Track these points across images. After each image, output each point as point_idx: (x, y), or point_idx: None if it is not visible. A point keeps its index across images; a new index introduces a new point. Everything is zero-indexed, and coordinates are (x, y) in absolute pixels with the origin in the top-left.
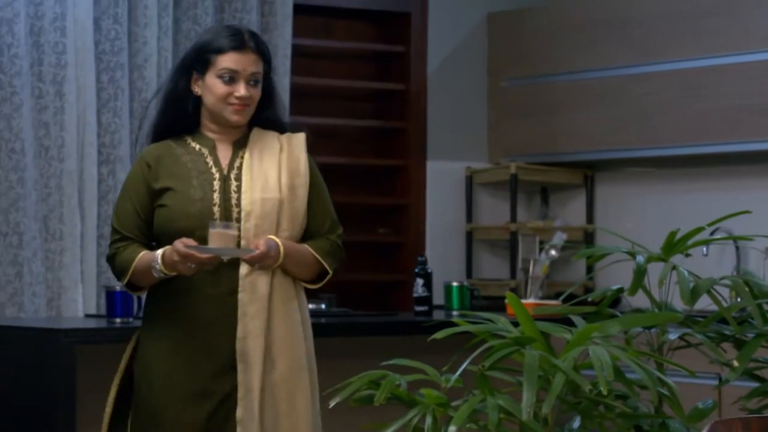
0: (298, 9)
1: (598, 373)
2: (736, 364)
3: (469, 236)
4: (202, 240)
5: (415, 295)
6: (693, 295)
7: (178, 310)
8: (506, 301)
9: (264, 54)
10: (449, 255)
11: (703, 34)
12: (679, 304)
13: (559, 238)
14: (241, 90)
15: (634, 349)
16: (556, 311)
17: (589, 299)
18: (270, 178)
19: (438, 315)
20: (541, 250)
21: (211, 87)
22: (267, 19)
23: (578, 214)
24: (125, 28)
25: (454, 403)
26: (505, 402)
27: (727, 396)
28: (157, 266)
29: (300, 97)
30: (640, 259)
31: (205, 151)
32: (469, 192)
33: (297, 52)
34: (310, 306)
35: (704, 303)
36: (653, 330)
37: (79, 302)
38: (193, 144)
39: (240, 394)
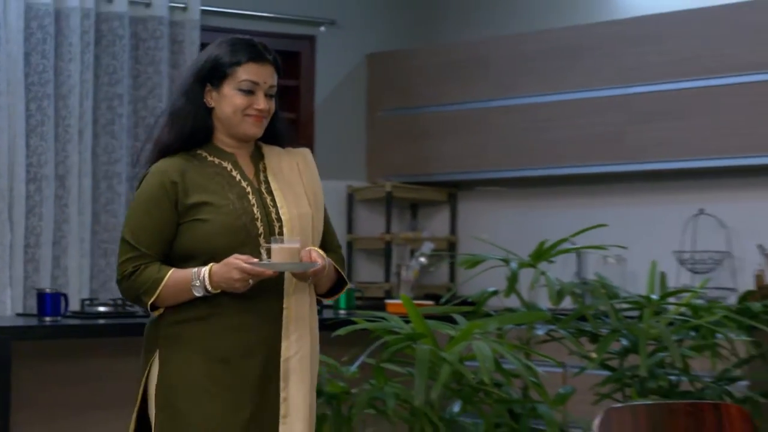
0: (204, 47)
1: (480, 364)
2: (594, 355)
3: (350, 245)
4: (250, 255)
5: None
6: (559, 296)
7: (217, 327)
8: (385, 300)
9: (278, 67)
10: None
11: (551, 74)
12: (543, 303)
13: (427, 247)
14: (261, 102)
15: (509, 343)
16: (441, 311)
17: (469, 300)
18: (298, 193)
19: (327, 313)
20: (411, 257)
21: (229, 99)
22: (176, 56)
23: (443, 226)
24: (52, 63)
25: (353, 391)
26: (400, 390)
27: (584, 383)
28: (198, 284)
29: None
30: (514, 265)
31: (228, 165)
32: (350, 207)
33: None
34: None
35: (565, 303)
36: (523, 326)
37: (8, 304)
38: (210, 158)
39: (282, 411)
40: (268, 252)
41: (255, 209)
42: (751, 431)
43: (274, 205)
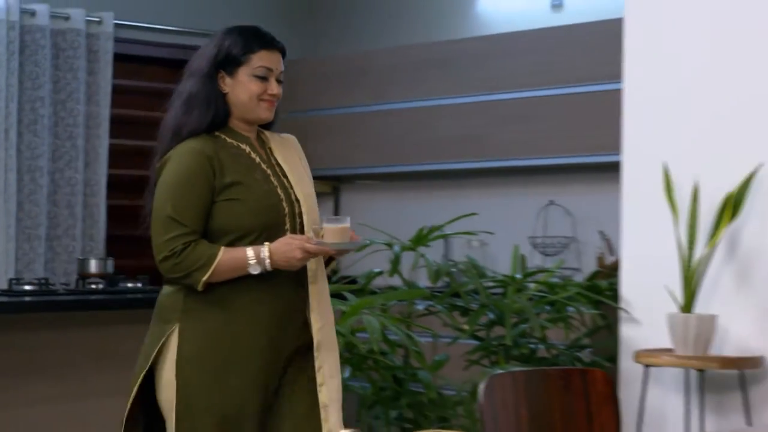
0: (117, 57)
1: (370, 336)
2: (465, 327)
3: None
4: (276, 234)
5: None
6: (437, 275)
7: (257, 301)
8: None
9: (285, 54)
10: None
11: (420, 83)
12: (422, 282)
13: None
14: (274, 88)
15: (393, 317)
16: (333, 289)
17: (358, 281)
18: (302, 175)
19: None
20: None
21: (245, 85)
22: (92, 64)
23: (328, 215)
24: None
25: None
26: None
27: (457, 351)
28: (255, 262)
29: (119, 125)
30: (397, 248)
31: (246, 147)
32: None
33: (116, 90)
34: (128, 284)
35: (441, 282)
36: (405, 302)
37: None
38: (229, 140)
39: (319, 380)
40: (316, 232)
41: (278, 190)
42: (611, 392)
43: (291, 186)
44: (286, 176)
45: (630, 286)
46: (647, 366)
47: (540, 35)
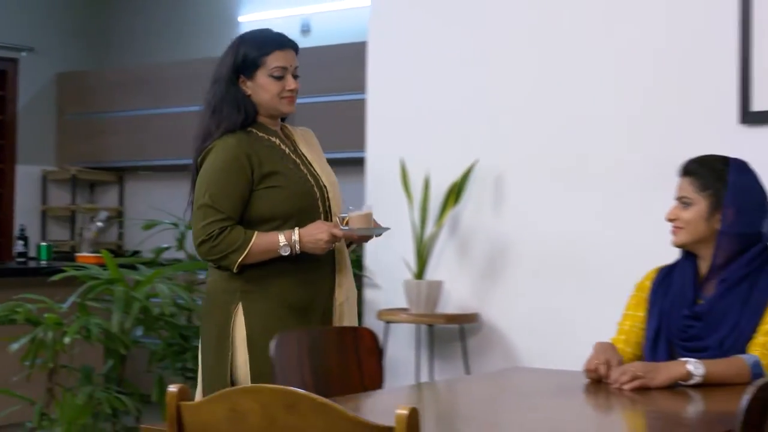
0: None
1: (162, 300)
2: None
3: (44, 213)
4: (311, 218)
5: (16, 250)
6: None
7: (292, 280)
8: (75, 254)
9: (296, 49)
10: (31, 225)
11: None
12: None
13: (103, 215)
14: (291, 84)
15: (179, 285)
16: (128, 261)
17: (151, 255)
18: (324, 164)
19: (32, 264)
20: (91, 222)
21: (264, 86)
22: None
23: (113, 200)
24: None
25: (65, 322)
26: (102, 321)
27: None
28: (285, 243)
29: None
30: (182, 227)
31: (276, 140)
32: (44, 185)
33: None
34: None
35: None
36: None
37: None
38: (260, 134)
39: None
40: (343, 220)
41: (309, 177)
42: (376, 346)
43: (317, 174)
44: (311, 165)
45: (373, 258)
46: (387, 322)
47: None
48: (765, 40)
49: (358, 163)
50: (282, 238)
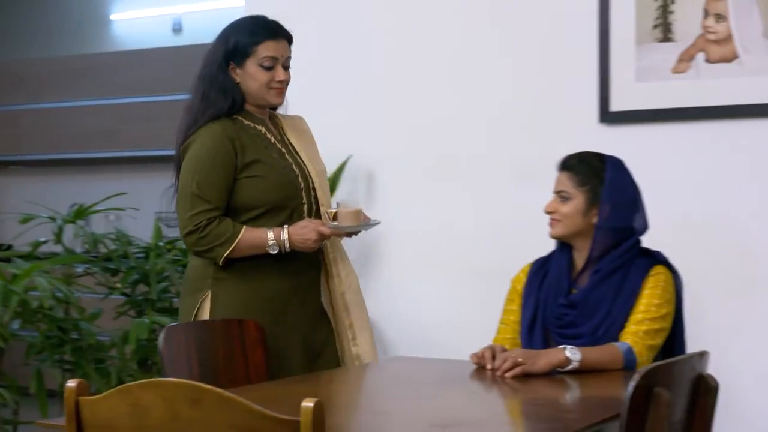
0: None
1: (41, 294)
2: (118, 285)
3: None
4: (294, 208)
5: None
6: (94, 243)
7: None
8: None
9: (290, 40)
10: None
11: (67, 87)
12: (80, 250)
13: None
14: (281, 75)
15: (58, 278)
16: (4, 255)
17: (27, 248)
18: (313, 153)
19: None
20: None
21: (253, 75)
22: None
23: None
24: None
25: None
26: None
27: (110, 305)
28: (273, 242)
29: None
30: (60, 221)
31: (262, 128)
32: None
33: None
34: None
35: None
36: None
37: None
38: (246, 122)
39: (350, 336)
40: (331, 215)
41: (294, 167)
42: (262, 337)
43: (304, 164)
44: (298, 154)
45: None
46: None
47: (164, 52)
48: (622, 46)
49: None
50: (271, 235)
